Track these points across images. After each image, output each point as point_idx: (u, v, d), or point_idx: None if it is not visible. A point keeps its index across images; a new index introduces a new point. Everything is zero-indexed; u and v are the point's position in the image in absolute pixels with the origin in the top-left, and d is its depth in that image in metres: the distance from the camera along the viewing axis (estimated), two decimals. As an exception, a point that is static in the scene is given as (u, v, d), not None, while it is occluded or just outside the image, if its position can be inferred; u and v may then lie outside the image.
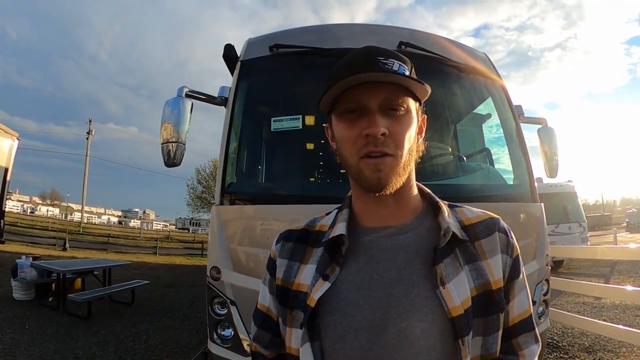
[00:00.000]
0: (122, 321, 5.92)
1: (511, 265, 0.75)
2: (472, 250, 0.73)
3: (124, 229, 42.89)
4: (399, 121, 0.71)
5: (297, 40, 2.60)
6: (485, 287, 0.71)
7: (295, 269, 0.79)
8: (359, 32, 2.78)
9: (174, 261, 16.66)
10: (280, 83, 2.83)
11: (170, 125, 2.47)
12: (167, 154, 2.47)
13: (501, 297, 0.72)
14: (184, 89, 2.58)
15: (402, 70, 0.72)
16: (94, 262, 8.54)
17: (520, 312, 0.76)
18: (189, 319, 6.40)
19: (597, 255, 5.48)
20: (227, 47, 2.74)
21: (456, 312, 0.66)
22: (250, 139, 2.79)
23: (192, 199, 31.24)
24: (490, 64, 2.99)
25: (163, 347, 4.80)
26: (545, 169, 3.12)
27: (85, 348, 4.61)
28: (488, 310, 0.71)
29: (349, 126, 0.72)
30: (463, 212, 0.79)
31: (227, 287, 2.30)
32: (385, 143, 0.69)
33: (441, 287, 0.67)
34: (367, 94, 0.70)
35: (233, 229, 2.37)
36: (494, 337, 0.72)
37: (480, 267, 0.72)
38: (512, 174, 2.74)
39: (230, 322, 2.31)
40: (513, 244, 0.77)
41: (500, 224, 0.78)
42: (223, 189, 2.40)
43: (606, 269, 10.54)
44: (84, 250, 17.11)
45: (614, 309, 6.21)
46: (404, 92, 0.71)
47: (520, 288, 0.76)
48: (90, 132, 40.01)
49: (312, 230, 0.83)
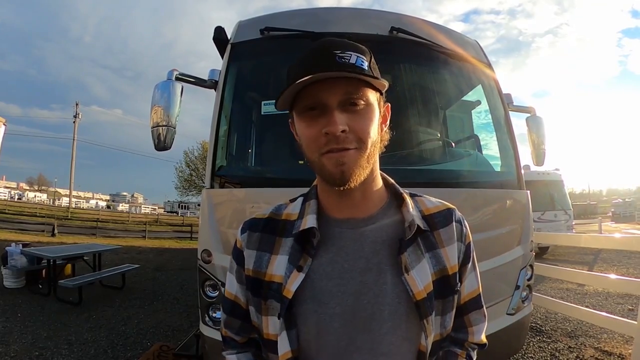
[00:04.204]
0: (113, 306, 5.94)
1: (464, 252, 0.83)
2: (431, 239, 0.79)
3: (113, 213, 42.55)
4: (359, 116, 0.71)
5: (287, 24, 2.58)
6: (443, 272, 0.78)
7: (265, 260, 0.80)
8: (349, 15, 2.76)
9: (163, 245, 16.59)
10: (271, 66, 2.81)
11: (160, 108, 2.45)
12: (157, 137, 2.46)
13: (456, 281, 0.81)
14: (174, 72, 2.55)
15: (359, 62, 0.71)
16: (84, 247, 8.48)
17: (470, 291, 0.86)
18: (179, 302, 6.43)
19: (580, 243, 5.59)
20: (217, 29, 2.71)
21: (420, 296, 0.73)
22: (241, 123, 2.78)
23: (181, 182, 30.94)
24: (481, 51, 3.00)
25: (155, 331, 4.84)
26: (532, 157, 3.16)
27: (78, 333, 4.62)
28: (445, 292, 0.78)
29: (309, 124, 0.72)
30: (423, 202, 0.85)
31: (218, 270, 2.31)
32: (347, 139, 0.70)
33: (406, 274, 0.73)
34: (325, 90, 0.70)
35: (223, 212, 2.38)
36: (450, 315, 0.80)
37: (439, 255, 0.79)
38: (500, 161, 2.78)
39: None
40: (466, 232, 0.85)
41: (456, 214, 0.85)
42: (213, 172, 2.40)
43: (590, 257, 10.79)
44: (73, 235, 16.96)
45: (596, 296, 6.36)
46: (362, 84, 0.71)
47: (470, 270, 0.86)
48: (77, 116, 39.36)
49: (278, 220, 0.84)
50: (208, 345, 2.43)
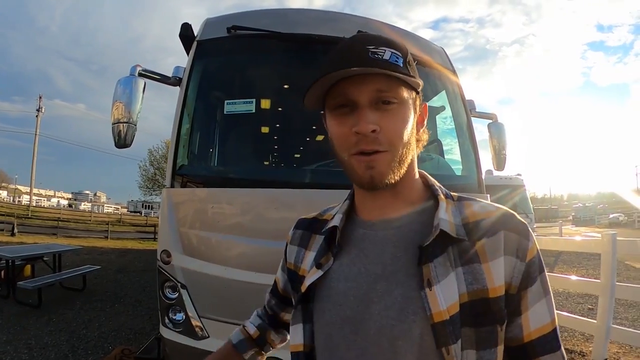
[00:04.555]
0: (73, 308, 5.75)
1: (524, 271, 0.64)
2: (470, 250, 0.65)
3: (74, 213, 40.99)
4: (391, 115, 0.67)
5: (255, 23, 2.56)
6: (479, 293, 0.62)
7: (302, 255, 0.84)
8: (317, 18, 2.79)
9: (126, 245, 16.16)
10: (236, 65, 2.79)
11: (121, 104, 2.39)
12: (117, 134, 2.39)
13: (500, 307, 0.63)
14: (137, 67, 2.49)
15: (394, 58, 0.66)
16: (44, 247, 8.14)
17: (538, 326, 0.65)
18: (141, 304, 6.27)
19: (540, 245, 5.75)
20: (184, 26, 2.67)
21: (439, 317, 0.60)
22: (203, 121, 2.74)
23: (144, 181, 30.15)
24: (446, 58, 3.08)
25: (116, 334, 4.71)
26: (493, 162, 3.26)
27: (38, 337, 4.47)
28: (480, 320, 0.62)
29: (339, 122, 0.69)
30: (471, 206, 0.71)
31: (178, 271, 2.28)
32: (377, 140, 0.65)
33: (427, 289, 0.62)
34: (356, 87, 0.66)
35: (184, 212, 2.35)
36: (492, 352, 0.62)
37: (478, 271, 0.63)
38: (461, 165, 2.86)
39: (181, 306, 2.30)
40: (528, 246, 0.66)
41: (511, 221, 0.68)
42: (174, 171, 2.36)
43: (551, 259, 11.24)
44: (33, 235, 16.28)
45: (557, 296, 6.62)
46: (396, 82, 0.66)
47: (537, 298, 0.65)
48: (40, 110, 37.71)
49: (320, 219, 0.86)
50: (169, 348, 2.39)
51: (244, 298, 2.13)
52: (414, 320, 0.62)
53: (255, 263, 2.19)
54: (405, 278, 0.65)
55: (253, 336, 0.97)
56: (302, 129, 2.79)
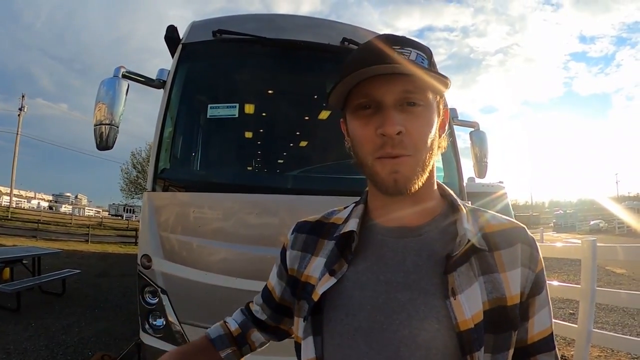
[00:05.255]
0: (53, 313, 5.63)
1: (533, 281, 0.68)
2: (489, 260, 0.67)
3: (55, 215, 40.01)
4: (417, 117, 0.65)
5: (241, 28, 2.57)
6: (499, 301, 0.65)
7: (306, 261, 0.78)
8: (302, 24, 2.80)
9: (107, 249, 15.98)
10: (221, 69, 2.79)
11: (104, 106, 2.37)
12: (99, 136, 2.37)
13: (516, 314, 0.66)
14: (121, 69, 2.47)
15: (419, 59, 0.65)
16: (23, 250, 8.02)
17: (541, 330, 0.70)
18: (122, 309, 6.17)
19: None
20: (169, 28, 2.66)
21: (465, 326, 0.61)
22: (186, 125, 2.74)
23: (127, 184, 29.43)
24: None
25: (96, 340, 4.63)
26: (475, 170, 3.31)
27: (16, 342, 4.36)
28: (501, 326, 0.64)
29: (363, 123, 0.66)
30: (485, 217, 0.73)
31: (158, 276, 2.25)
32: (402, 143, 0.63)
33: (452, 298, 0.62)
34: (381, 87, 0.64)
35: (165, 216, 2.33)
36: (504, 355, 0.65)
37: (497, 280, 0.65)
38: (443, 172, 2.90)
39: (161, 312, 2.28)
40: (538, 258, 0.70)
41: (525, 235, 0.71)
42: (156, 175, 2.35)
43: (532, 265, 11.45)
44: (12, 237, 15.90)
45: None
46: (423, 83, 0.64)
47: (542, 305, 0.70)
48: (22, 109, 36.86)
49: (326, 223, 0.81)
50: (149, 354, 2.36)
51: (225, 304, 2.11)
52: (438, 329, 0.62)
53: (236, 269, 2.18)
54: (429, 287, 0.65)
55: (234, 333, 0.90)
56: (286, 134, 2.80)
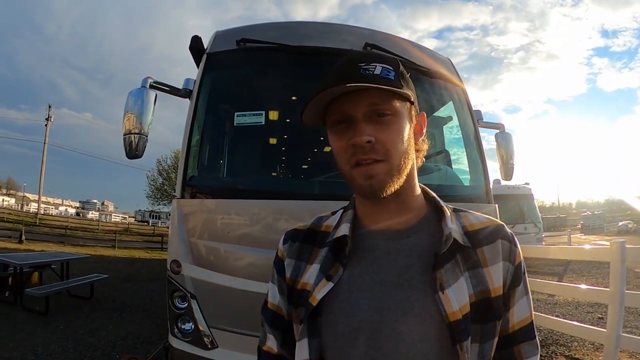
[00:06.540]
0: (81, 316, 5.77)
1: (513, 273, 0.74)
2: (473, 256, 0.73)
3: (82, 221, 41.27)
4: (386, 126, 0.71)
5: (263, 36, 2.60)
6: (484, 294, 0.71)
7: (301, 269, 0.80)
8: (323, 30, 2.82)
9: (133, 255, 16.28)
10: (246, 77, 2.83)
11: (133, 116, 2.43)
12: (129, 145, 2.43)
13: (500, 305, 0.72)
14: (149, 79, 2.53)
15: (385, 72, 0.71)
16: (52, 255, 8.25)
17: (521, 319, 0.76)
18: (148, 313, 6.29)
19: (549, 254, 5.76)
20: (194, 38, 2.72)
21: (454, 317, 0.67)
22: (213, 133, 2.78)
23: (152, 191, 30.43)
24: (453, 68, 3.10)
25: (123, 343, 4.72)
26: (501, 172, 3.26)
27: (45, 344, 4.48)
28: (486, 317, 0.71)
29: (338, 137, 0.73)
30: (467, 217, 0.79)
31: (188, 281, 2.29)
32: (373, 150, 0.69)
33: (440, 293, 0.68)
34: (351, 103, 0.70)
35: (193, 223, 2.37)
36: (490, 344, 0.72)
37: (481, 274, 0.72)
38: (469, 175, 2.86)
39: (190, 316, 2.32)
40: (517, 252, 0.76)
41: (504, 231, 0.77)
42: (184, 182, 2.39)
43: (560, 268, 11.07)
44: (41, 242, 16.46)
45: (566, 306, 6.55)
46: (388, 95, 0.70)
47: (521, 295, 0.76)
48: (49, 119, 38.15)
49: (318, 230, 0.85)
50: (177, 357, 2.39)
51: (253, 308, 2.12)
52: (431, 323, 0.67)
53: (264, 274, 2.19)
54: (420, 284, 0.70)
55: None
56: (311, 140, 2.81)
